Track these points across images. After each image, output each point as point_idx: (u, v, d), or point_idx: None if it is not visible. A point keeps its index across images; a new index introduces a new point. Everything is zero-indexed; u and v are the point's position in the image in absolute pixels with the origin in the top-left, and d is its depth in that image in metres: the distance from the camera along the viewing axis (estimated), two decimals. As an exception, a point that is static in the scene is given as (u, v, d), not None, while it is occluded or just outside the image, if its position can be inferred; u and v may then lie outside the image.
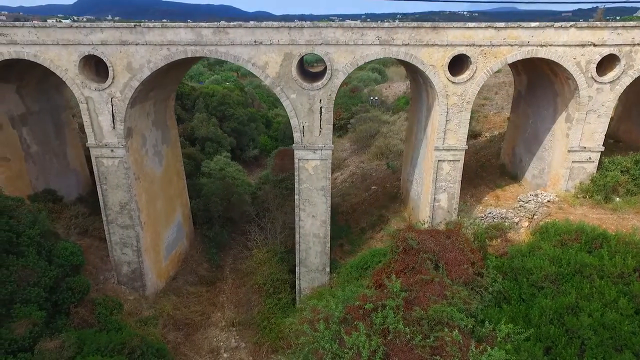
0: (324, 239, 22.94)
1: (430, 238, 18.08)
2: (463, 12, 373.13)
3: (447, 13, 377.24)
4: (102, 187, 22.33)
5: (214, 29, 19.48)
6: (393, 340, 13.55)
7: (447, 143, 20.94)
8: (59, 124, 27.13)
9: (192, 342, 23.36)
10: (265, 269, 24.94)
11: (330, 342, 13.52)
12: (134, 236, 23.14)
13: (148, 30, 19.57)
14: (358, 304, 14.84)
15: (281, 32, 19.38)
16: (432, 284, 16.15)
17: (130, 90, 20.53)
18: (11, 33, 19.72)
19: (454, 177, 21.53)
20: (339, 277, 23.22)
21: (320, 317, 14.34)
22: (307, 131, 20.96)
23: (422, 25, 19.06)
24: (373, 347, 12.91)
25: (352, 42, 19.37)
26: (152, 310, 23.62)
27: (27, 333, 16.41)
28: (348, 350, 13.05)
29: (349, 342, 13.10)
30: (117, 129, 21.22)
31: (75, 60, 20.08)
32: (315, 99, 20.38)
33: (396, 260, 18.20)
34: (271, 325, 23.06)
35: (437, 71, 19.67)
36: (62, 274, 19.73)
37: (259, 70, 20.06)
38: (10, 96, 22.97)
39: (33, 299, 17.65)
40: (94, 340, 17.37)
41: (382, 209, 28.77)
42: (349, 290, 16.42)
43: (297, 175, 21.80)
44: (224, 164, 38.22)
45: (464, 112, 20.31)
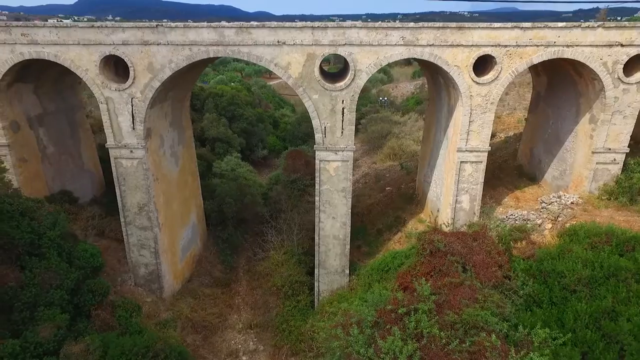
0: (343, 241, 22.76)
1: (457, 240, 17.94)
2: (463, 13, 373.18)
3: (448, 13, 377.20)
4: (121, 188, 22.14)
5: (236, 29, 19.30)
6: (428, 344, 13.37)
7: (470, 144, 20.76)
8: (74, 124, 26.95)
9: (211, 344, 23.18)
10: (283, 270, 24.74)
11: (364, 346, 13.34)
12: (151, 238, 22.96)
13: (170, 30, 19.38)
14: (390, 307, 14.65)
15: (304, 32, 19.20)
16: (462, 287, 15.97)
17: (150, 90, 20.35)
18: (32, 33, 19.54)
19: (477, 179, 21.35)
20: (359, 279, 23.06)
21: (353, 321, 14.15)
22: (329, 132, 20.77)
23: (447, 25, 18.89)
24: (409, 352, 12.73)
25: (376, 43, 19.20)
26: (170, 313, 23.45)
27: (52, 336, 16.21)
28: (384, 355, 12.88)
29: (384, 347, 12.92)
30: (136, 130, 21.04)
31: (96, 60, 19.90)
32: (337, 99, 20.20)
33: (422, 263, 18.03)
34: (290, 327, 22.87)
35: (461, 72, 19.49)
36: (82, 276, 19.55)
37: (281, 71, 19.87)
38: (27, 96, 22.78)
39: (56, 302, 17.46)
40: (117, 344, 17.17)
41: (398, 210, 28.59)
42: (377, 294, 16.21)
43: (317, 177, 21.61)
44: (235, 165, 38.13)
45: (487, 113, 20.13)
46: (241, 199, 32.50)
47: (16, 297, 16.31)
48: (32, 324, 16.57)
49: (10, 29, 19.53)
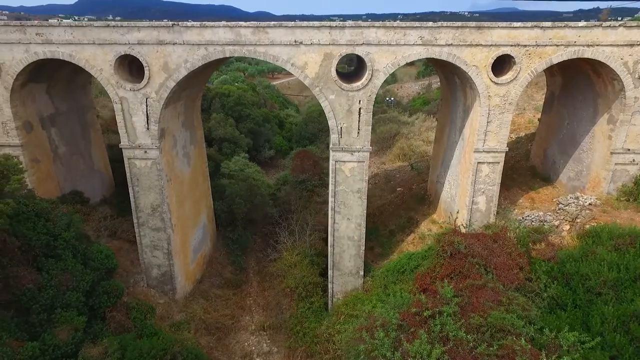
0: (358, 242, 22.59)
1: (477, 242, 17.77)
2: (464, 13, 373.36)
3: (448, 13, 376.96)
4: (134, 189, 21.97)
5: (253, 28, 19.14)
6: (455, 348, 13.20)
7: (487, 145, 20.61)
8: (85, 125, 26.79)
9: (224, 346, 23.00)
10: (296, 272, 24.55)
11: (390, 350, 13.17)
12: (165, 239, 22.79)
13: (186, 30, 19.22)
14: (415, 310, 14.48)
15: (322, 31, 19.04)
16: (485, 290, 15.80)
17: (165, 90, 20.18)
18: (47, 32, 19.37)
19: (494, 180, 21.20)
20: (374, 280, 22.89)
21: (377, 324, 13.98)
22: (345, 132, 20.61)
23: (466, 25, 18.74)
24: (437, 355, 12.57)
25: (394, 43, 19.04)
26: (183, 315, 23.27)
27: (70, 339, 16.06)
28: (411, 359, 12.71)
29: (411, 351, 12.75)
30: (151, 130, 20.87)
31: (110, 60, 19.73)
32: (354, 99, 20.04)
33: (442, 265, 17.87)
34: (304, 329, 22.67)
35: (479, 72, 19.34)
36: (97, 277, 19.36)
37: (297, 71, 19.70)
38: (40, 96, 22.61)
39: (73, 304, 17.29)
40: (135, 347, 17.00)
41: (410, 211, 28.43)
42: (399, 296, 16.04)
43: (333, 177, 21.45)
44: (243, 165, 37.91)
45: (505, 113, 19.98)
46: (251, 199, 32.30)
47: (34, 299, 16.14)
48: (50, 326, 16.40)
49: (25, 29, 19.36)
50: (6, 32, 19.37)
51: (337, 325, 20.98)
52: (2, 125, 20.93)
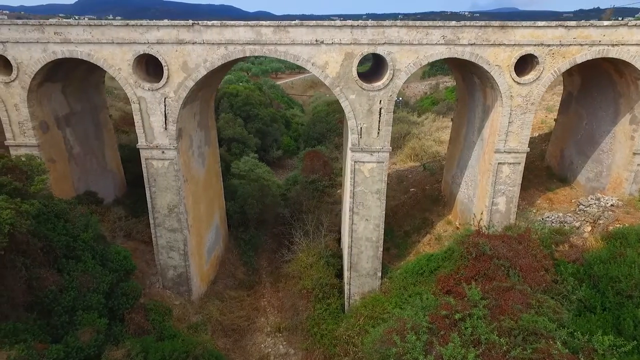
0: (376, 243, 22.41)
1: (502, 243, 17.62)
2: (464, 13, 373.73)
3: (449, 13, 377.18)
4: (151, 189, 21.79)
5: (274, 27, 18.96)
6: (487, 351, 13.05)
7: (508, 145, 20.44)
8: (98, 124, 26.61)
9: (241, 348, 22.82)
10: (313, 273, 24.35)
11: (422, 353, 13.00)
12: (181, 240, 22.61)
13: (206, 29, 19.04)
14: (445, 313, 14.31)
15: (343, 31, 18.86)
16: (512, 292, 15.66)
17: (184, 90, 20.00)
18: (65, 32, 19.18)
19: (514, 180, 21.03)
20: (392, 282, 22.71)
21: (408, 327, 13.80)
22: (365, 133, 20.43)
23: (489, 24, 18.56)
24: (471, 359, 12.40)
25: (416, 42, 18.86)
26: (199, 316, 23.10)
27: (93, 341, 15.85)
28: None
29: (445, 354, 12.58)
30: (169, 130, 20.69)
31: (129, 59, 19.54)
32: (375, 99, 19.86)
33: (466, 266, 17.71)
34: (322, 331, 22.50)
35: (502, 72, 19.17)
36: (116, 279, 19.17)
37: (318, 70, 19.52)
38: (56, 96, 22.42)
39: (94, 306, 17.10)
40: (157, 349, 16.82)
41: (424, 211, 28.27)
42: (425, 298, 15.86)
43: (351, 178, 21.26)
44: (253, 165, 37.72)
45: (527, 113, 19.82)
46: (262, 200, 32.12)
47: (56, 301, 15.94)
48: (71, 329, 16.20)
49: (44, 28, 19.17)
50: (24, 32, 19.19)
51: (357, 327, 20.81)
52: (19, 125, 20.75)
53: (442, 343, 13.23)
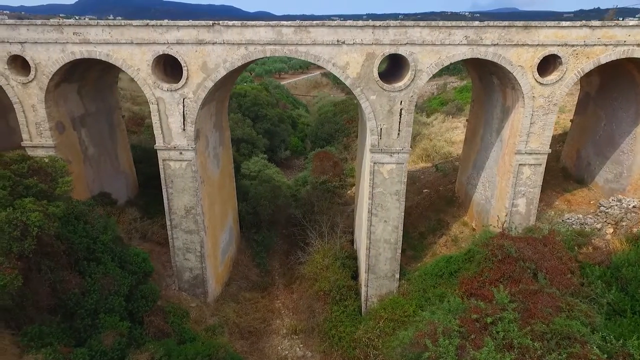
0: (394, 245, 22.24)
1: (527, 246, 17.44)
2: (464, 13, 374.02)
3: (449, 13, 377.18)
4: (168, 190, 21.63)
5: (295, 27, 18.79)
6: (521, 356, 12.88)
7: (529, 146, 20.29)
8: (112, 125, 26.45)
9: (258, 351, 22.67)
10: (329, 274, 24.18)
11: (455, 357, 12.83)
12: (197, 241, 22.44)
13: (226, 29, 18.87)
14: (475, 316, 14.15)
15: (365, 31, 18.70)
16: (540, 295, 15.49)
17: (203, 90, 19.84)
18: (84, 32, 19.01)
19: (535, 182, 20.89)
20: (410, 284, 22.54)
21: (439, 331, 13.64)
22: (385, 134, 20.27)
23: (513, 24, 18.41)
24: (507, 363, 12.22)
25: (438, 42, 18.70)
26: (216, 318, 22.93)
27: (116, 345, 15.69)
28: (480, 367, 12.38)
29: (480, 359, 12.40)
30: (187, 131, 20.53)
31: (148, 59, 19.37)
32: (395, 100, 19.70)
33: (490, 269, 17.53)
34: (340, 333, 22.31)
35: (525, 72, 19.02)
36: (135, 281, 19.01)
37: (339, 71, 19.35)
38: (72, 96, 22.26)
39: (116, 309, 16.95)
40: (180, 352, 16.68)
41: (439, 213, 28.10)
42: (453, 301, 15.69)
43: (370, 179, 21.09)
44: (263, 166, 37.62)
45: (550, 114, 19.66)
46: (274, 200, 31.96)
47: (79, 304, 15.78)
48: (94, 332, 16.04)
49: (62, 28, 19.00)
50: (43, 32, 19.02)
51: (377, 330, 20.64)
52: (36, 126, 20.58)
53: (474, 347, 13.06)
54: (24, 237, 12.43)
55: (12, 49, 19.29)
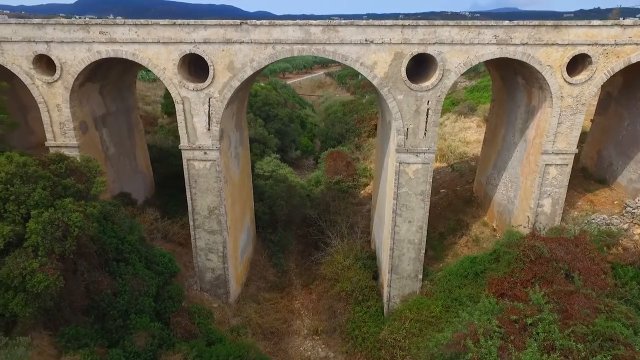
0: (418, 245, 22.15)
1: (558, 246, 17.35)
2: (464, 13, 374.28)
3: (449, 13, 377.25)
4: (192, 190, 21.51)
5: (323, 26, 18.69)
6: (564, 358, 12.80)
7: (556, 146, 20.19)
8: (130, 125, 26.36)
9: (282, 351, 22.56)
10: (351, 275, 24.08)
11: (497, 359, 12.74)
12: (220, 242, 22.34)
13: (254, 28, 18.76)
14: (514, 317, 14.06)
15: (394, 30, 18.60)
16: (576, 296, 15.40)
17: (229, 90, 19.74)
18: (111, 31, 18.90)
19: (561, 182, 20.80)
20: (434, 284, 22.45)
21: (480, 332, 13.54)
22: (411, 134, 20.17)
23: (543, 23, 18.32)
24: (552, 365, 12.14)
25: (467, 42, 18.60)
26: (238, 319, 22.84)
27: (148, 345, 15.60)
28: (525, 369, 12.28)
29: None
30: (212, 131, 20.42)
31: (175, 59, 19.27)
32: (422, 100, 19.61)
33: (522, 269, 17.43)
34: (363, 334, 22.22)
35: (554, 72, 18.92)
36: (162, 282, 18.92)
37: (366, 70, 19.26)
38: (94, 96, 22.16)
39: (146, 309, 16.86)
40: (212, 354, 16.61)
41: (458, 213, 28.00)
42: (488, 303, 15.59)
43: (395, 179, 20.99)
44: (276, 166, 37.48)
45: (578, 114, 19.58)
46: (290, 200, 31.86)
47: (111, 305, 15.68)
48: (125, 332, 15.95)
49: (89, 27, 18.89)
50: (70, 31, 18.91)
51: (403, 331, 20.53)
52: (60, 126, 20.47)
53: (516, 348, 12.97)
54: (64, 238, 12.31)
55: (38, 48, 19.18)
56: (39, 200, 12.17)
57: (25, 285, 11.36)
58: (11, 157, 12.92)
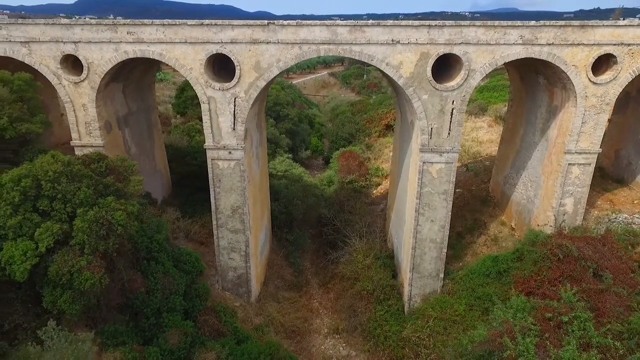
0: (440, 244, 22.29)
1: (586, 245, 17.46)
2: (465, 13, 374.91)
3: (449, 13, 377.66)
4: (215, 190, 21.60)
5: (350, 27, 18.81)
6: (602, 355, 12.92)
7: (579, 146, 20.32)
8: (150, 125, 26.46)
9: (304, 350, 22.69)
10: (372, 274, 24.20)
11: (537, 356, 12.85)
12: (243, 241, 22.44)
13: (281, 29, 18.87)
14: (549, 315, 14.18)
15: (420, 30, 18.72)
16: (607, 294, 15.52)
17: (255, 90, 19.86)
18: (138, 31, 18.99)
19: (583, 181, 20.92)
20: (455, 283, 22.57)
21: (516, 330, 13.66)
22: (435, 133, 20.30)
23: (569, 23, 18.45)
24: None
25: (493, 42, 18.73)
26: (261, 318, 22.95)
27: (182, 343, 15.71)
28: (564, 366, 12.40)
29: (565, 357, 12.43)
30: (237, 130, 20.53)
31: (201, 59, 19.37)
32: (447, 100, 19.73)
33: (549, 268, 17.55)
34: (386, 332, 22.33)
35: (578, 72, 19.05)
36: (189, 280, 19.02)
37: (392, 70, 19.37)
38: (118, 96, 22.25)
39: (177, 308, 16.96)
40: (243, 352, 16.73)
41: (475, 212, 28.12)
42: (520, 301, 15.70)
43: (419, 179, 21.11)
44: (288, 166, 37.61)
45: (602, 114, 19.71)
46: (306, 200, 31.97)
47: (145, 303, 15.79)
48: (158, 331, 16.06)
49: (117, 28, 18.99)
50: (97, 32, 19.00)
51: (427, 329, 20.65)
52: (86, 126, 20.56)
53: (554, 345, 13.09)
54: (107, 236, 12.41)
55: (66, 48, 19.27)
56: (84, 198, 12.26)
57: (73, 282, 11.46)
58: (56, 155, 13.01)
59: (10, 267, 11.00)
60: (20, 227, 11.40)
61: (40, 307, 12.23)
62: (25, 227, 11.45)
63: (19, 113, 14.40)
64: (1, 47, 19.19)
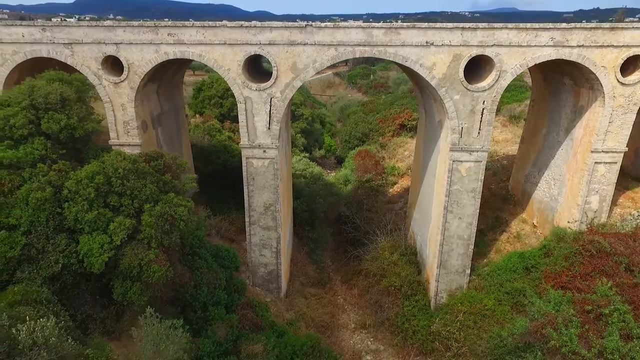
0: (467, 241, 22.82)
1: (618, 241, 18.00)
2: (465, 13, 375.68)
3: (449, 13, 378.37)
4: (249, 188, 22.11)
5: (385, 29, 19.33)
6: (643, 344, 13.41)
7: (606, 145, 20.86)
8: (178, 124, 26.93)
9: (334, 344, 23.12)
10: (399, 270, 24.74)
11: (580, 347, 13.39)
12: (274, 238, 22.95)
13: (318, 30, 19.38)
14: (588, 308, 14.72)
15: (454, 32, 19.24)
16: None
17: (291, 90, 20.39)
18: (179, 33, 19.49)
19: (609, 179, 21.47)
20: (482, 279, 23.11)
21: (559, 321, 14.19)
22: (465, 133, 20.83)
23: (600, 26, 19.01)
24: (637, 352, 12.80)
25: (524, 44, 19.26)
26: (292, 313, 23.47)
27: (229, 336, 16.22)
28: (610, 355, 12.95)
29: (609, 347, 12.97)
30: (272, 130, 21.04)
31: (240, 60, 19.87)
32: (478, 100, 20.26)
33: (580, 263, 18.08)
34: (414, 327, 22.86)
35: (607, 73, 19.59)
36: (228, 275, 19.52)
37: (425, 71, 19.89)
38: (153, 96, 22.75)
39: (221, 301, 17.46)
40: (287, 344, 17.24)
41: (495, 210, 28.65)
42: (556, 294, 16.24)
43: (448, 177, 21.66)
44: (306, 165, 38.10)
45: (629, 113, 20.25)
46: (327, 198, 32.48)
47: (193, 297, 16.28)
48: (205, 324, 16.56)
49: (158, 29, 19.47)
50: (139, 33, 19.48)
51: (457, 323, 21.18)
52: (124, 125, 21.04)
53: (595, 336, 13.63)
54: (171, 231, 12.91)
55: (108, 49, 19.75)
56: (150, 195, 12.77)
57: (142, 275, 11.95)
58: (122, 154, 13.51)
59: (88, 259, 11.51)
60: (95, 221, 11.89)
61: (107, 299, 12.74)
62: (100, 221, 11.96)
63: (85, 112, 14.90)
64: (45, 49, 19.68)
